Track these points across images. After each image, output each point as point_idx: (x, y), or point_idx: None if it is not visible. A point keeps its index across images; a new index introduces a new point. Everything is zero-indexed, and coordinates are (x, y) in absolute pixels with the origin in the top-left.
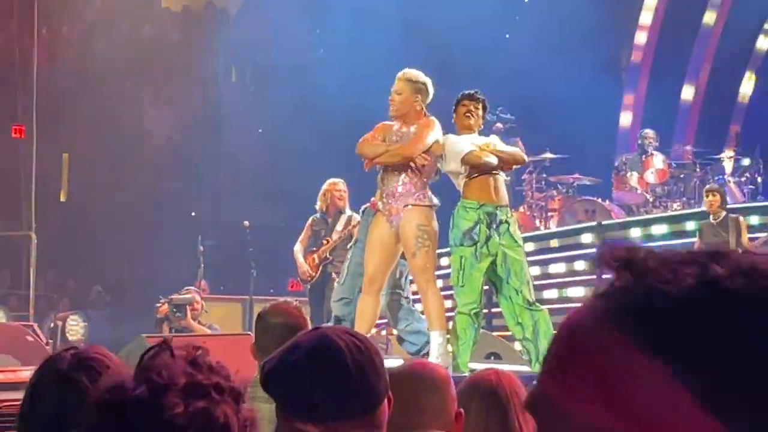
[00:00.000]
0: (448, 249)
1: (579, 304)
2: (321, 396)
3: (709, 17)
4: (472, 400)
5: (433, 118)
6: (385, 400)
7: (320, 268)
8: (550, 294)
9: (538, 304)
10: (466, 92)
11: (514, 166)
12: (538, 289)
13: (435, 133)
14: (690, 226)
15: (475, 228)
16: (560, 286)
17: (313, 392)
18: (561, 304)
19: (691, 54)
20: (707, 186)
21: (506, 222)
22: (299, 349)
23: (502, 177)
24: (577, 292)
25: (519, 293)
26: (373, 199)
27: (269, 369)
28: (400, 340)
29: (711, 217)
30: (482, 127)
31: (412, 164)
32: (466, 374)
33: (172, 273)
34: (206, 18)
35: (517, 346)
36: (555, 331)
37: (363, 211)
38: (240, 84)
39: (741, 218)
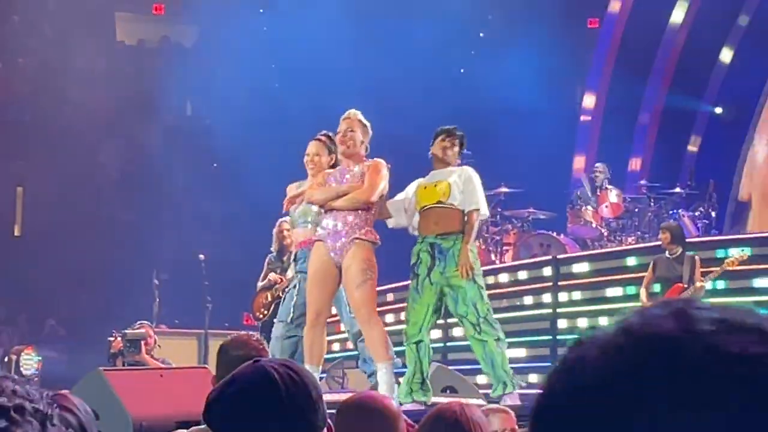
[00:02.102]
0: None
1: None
2: (256, 428)
3: (660, 64)
4: (435, 430)
5: (379, 159)
6: (324, 431)
7: (272, 307)
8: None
9: (487, 331)
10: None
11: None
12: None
13: (385, 174)
14: (637, 261)
15: (417, 262)
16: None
17: (248, 424)
18: (514, 339)
19: (645, 89)
20: (663, 223)
21: (452, 249)
22: (237, 382)
23: (450, 207)
24: (527, 326)
25: (465, 319)
26: (301, 240)
27: (209, 401)
28: (363, 360)
29: (666, 252)
30: (447, 160)
31: None
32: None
33: (127, 306)
34: (161, 51)
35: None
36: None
37: (295, 255)
38: (195, 117)
39: (697, 257)
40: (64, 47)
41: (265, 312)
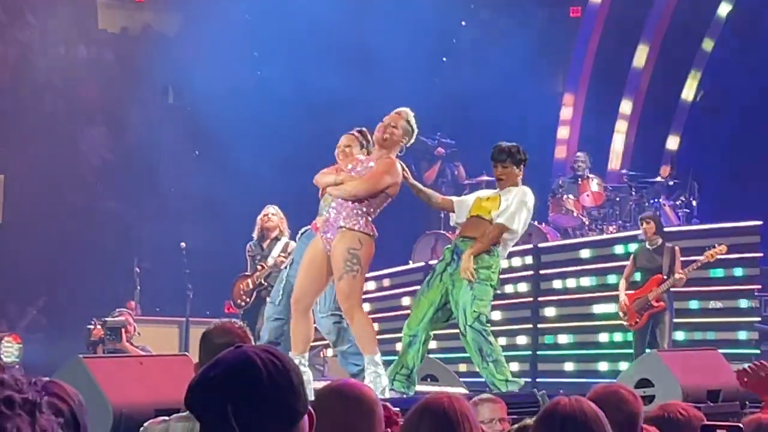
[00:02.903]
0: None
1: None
2: (236, 412)
3: (641, 54)
4: (422, 422)
5: (395, 160)
6: (305, 418)
7: (254, 294)
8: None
9: (473, 338)
10: (494, 148)
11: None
12: None
13: (392, 177)
14: (625, 249)
15: (440, 260)
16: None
17: (228, 409)
18: (495, 327)
19: (627, 78)
20: (642, 214)
21: (463, 252)
22: (218, 367)
23: (485, 218)
24: (508, 314)
25: (457, 321)
26: (315, 221)
27: (191, 385)
28: (343, 361)
29: (647, 243)
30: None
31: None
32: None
33: (108, 295)
34: (144, 40)
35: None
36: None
37: (302, 233)
38: (177, 105)
39: (677, 248)
40: (46, 35)
41: (247, 299)
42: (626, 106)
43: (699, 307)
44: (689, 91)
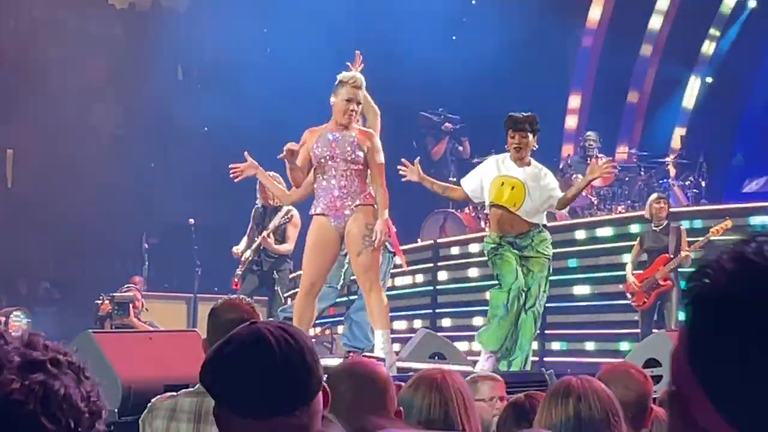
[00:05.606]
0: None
1: None
2: (249, 389)
3: (655, 21)
4: (415, 396)
5: (372, 134)
6: (320, 395)
7: (247, 264)
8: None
9: (532, 316)
10: (512, 117)
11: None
12: (481, 290)
13: (381, 146)
14: (635, 229)
15: (499, 248)
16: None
17: (241, 385)
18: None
19: (636, 57)
20: (657, 194)
21: (528, 245)
22: (232, 343)
23: (518, 215)
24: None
25: (529, 298)
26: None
27: (205, 362)
28: (353, 335)
29: (653, 224)
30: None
31: (353, 166)
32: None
33: (117, 270)
34: (153, 15)
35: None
36: None
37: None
38: (186, 82)
39: (683, 228)
40: (55, 10)
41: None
42: (636, 86)
43: None
44: (700, 70)
